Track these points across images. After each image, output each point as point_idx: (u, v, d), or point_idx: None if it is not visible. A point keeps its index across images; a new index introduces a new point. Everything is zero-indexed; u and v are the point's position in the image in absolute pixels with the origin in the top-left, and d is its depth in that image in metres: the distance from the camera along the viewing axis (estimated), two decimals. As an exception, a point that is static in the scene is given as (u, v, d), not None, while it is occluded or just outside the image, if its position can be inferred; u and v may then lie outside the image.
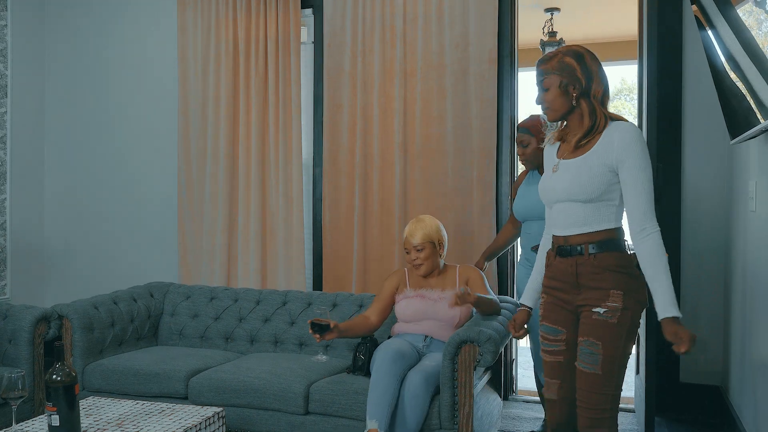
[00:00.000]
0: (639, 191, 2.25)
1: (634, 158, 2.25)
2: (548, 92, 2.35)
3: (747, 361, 3.18)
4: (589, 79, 2.33)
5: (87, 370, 3.53)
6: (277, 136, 4.42)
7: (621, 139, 2.26)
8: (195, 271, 4.61)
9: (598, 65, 2.36)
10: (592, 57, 2.38)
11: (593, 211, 2.30)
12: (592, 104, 2.32)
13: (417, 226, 3.30)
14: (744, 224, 3.30)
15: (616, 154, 2.25)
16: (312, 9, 4.48)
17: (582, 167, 2.30)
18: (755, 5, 2.47)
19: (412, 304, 3.27)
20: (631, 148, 2.25)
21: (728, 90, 2.91)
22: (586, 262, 2.30)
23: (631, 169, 2.25)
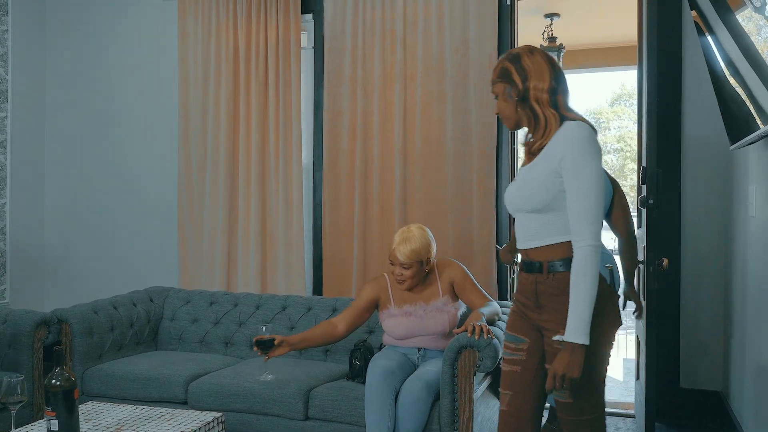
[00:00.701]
0: (573, 197, 2.04)
1: (572, 160, 2.04)
2: (498, 101, 2.21)
3: (747, 366, 3.17)
4: (525, 80, 2.14)
5: (86, 374, 3.52)
6: (277, 141, 4.42)
7: (564, 140, 2.07)
8: (195, 275, 4.60)
9: (539, 63, 2.15)
10: (533, 55, 2.17)
11: (547, 223, 2.11)
12: (531, 106, 2.14)
13: (406, 242, 3.12)
14: (744, 229, 3.30)
15: (559, 156, 2.06)
16: (312, 14, 4.49)
17: (529, 175, 2.15)
18: (755, 11, 2.47)
19: (400, 324, 3.16)
20: (570, 149, 2.05)
21: (728, 95, 2.92)
22: (545, 281, 2.11)
23: (568, 172, 2.05)
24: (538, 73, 2.14)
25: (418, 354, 3.19)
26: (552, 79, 2.14)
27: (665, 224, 3.91)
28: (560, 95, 2.15)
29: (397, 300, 3.22)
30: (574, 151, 2.04)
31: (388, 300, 3.24)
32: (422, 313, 3.15)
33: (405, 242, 3.12)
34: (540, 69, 2.14)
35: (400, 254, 3.12)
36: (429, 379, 2.93)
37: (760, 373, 2.89)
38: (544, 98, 2.13)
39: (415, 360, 3.18)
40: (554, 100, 2.13)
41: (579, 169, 2.03)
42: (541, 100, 2.13)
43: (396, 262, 3.14)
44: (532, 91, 2.13)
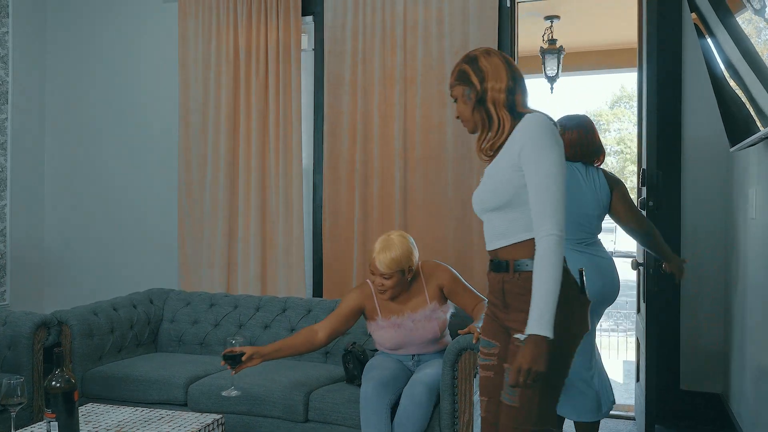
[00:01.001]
0: (534, 189, 1.99)
1: (530, 151, 2.00)
2: (457, 104, 2.19)
3: (748, 368, 3.17)
4: (482, 81, 2.12)
5: (86, 376, 3.52)
6: (277, 143, 4.43)
7: (521, 133, 2.04)
8: (195, 277, 4.60)
9: (496, 64, 2.13)
10: (490, 56, 2.16)
11: (512, 221, 2.06)
12: (486, 108, 2.11)
13: (386, 252, 3.01)
14: (744, 231, 3.30)
15: (518, 149, 2.03)
16: (312, 16, 4.49)
17: (491, 172, 2.12)
18: (754, 13, 2.47)
19: (389, 336, 3.10)
20: (528, 141, 2.01)
21: (728, 97, 2.92)
22: (511, 280, 2.06)
23: (526, 164, 2.00)
24: (495, 73, 2.12)
25: (412, 360, 3.17)
26: (509, 79, 2.12)
27: (665, 226, 3.91)
28: (518, 95, 2.13)
29: (384, 311, 3.13)
30: (532, 143, 2.01)
31: (375, 310, 3.15)
32: (411, 324, 3.07)
33: (385, 251, 3.01)
34: (497, 69, 2.12)
35: (381, 264, 3.01)
36: (430, 381, 2.93)
37: (761, 375, 2.89)
38: (501, 98, 2.10)
39: (410, 366, 3.16)
40: (512, 99, 2.11)
41: (537, 160, 1.99)
42: (497, 101, 2.11)
43: (376, 272, 3.04)
44: (490, 92, 2.11)
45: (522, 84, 2.14)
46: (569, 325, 2.00)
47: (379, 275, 3.04)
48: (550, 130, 2.03)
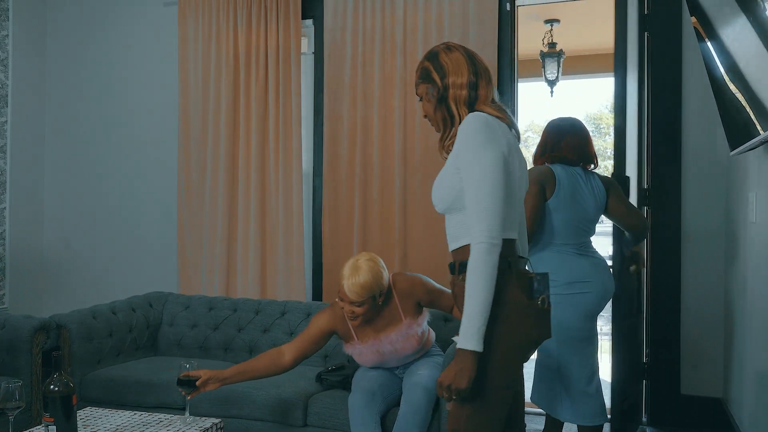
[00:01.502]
0: (468, 193, 1.91)
1: (465, 151, 1.93)
2: (423, 103, 2.12)
3: (748, 373, 3.17)
4: (443, 77, 2.05)
5: (85, 380, 3.51)
6: (277, 147, 4.42)
7: (459, 134, 1.97)
8: (194, 281, 4.59)
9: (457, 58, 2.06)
10: (451, 51, 2.08)
11: (459, 223, 1.98)
12: (448, 105, 2.04)
13: (355, 277, 2.82)
14: (744, 235, 3.30)
15: (456, 151, 1.97)
16: (312, 20, 4.49)
17: (440, 173, 2.05)
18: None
19: (369, 359, 3.00)
20: (463, 142, 1.94)
21: (728, 101, 2.92)
22: (458, 283, 1.98)
23: (462, 166, 1.93)
24: (456, 69, 2.04)
25: (398, 369, 3.12)
26: (470, 74, 2.04)
27: (666, 229, 3.90)
28: (482, 90, 2.04)
29: (360, 335, 3.00)
30: (466, 145, 1.93)
31: (350, 334, 3.00)
32: (390, 347, 2.95)
33: (353, 276, 2.83)
34: (458, 64, 2.05)
35: (350, 291, 2.82)
36: (428, 385, 2.91)
37: (761, 380, 2.88)
38: (462, 95, 2.03)
39: (398, 374, 3.12)
40: (473, 95, 2.04)
41: (471, 162, 1.91)
42: (459, 98, 2.03)
43: (346, 299, 2.86)
44: (451, 89, 2.04)
45: (486, 79, 2.06)
46: (514, 335, 1.90)
47: (348, 302, 2.87)
48: (484, 130, 1.93)
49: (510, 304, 1.89)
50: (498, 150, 1.92)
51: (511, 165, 1.96)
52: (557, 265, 2.94)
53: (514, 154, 2.00)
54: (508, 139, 1.99)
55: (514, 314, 1.90)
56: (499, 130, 1.97)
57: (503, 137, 1.97)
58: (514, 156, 2.00)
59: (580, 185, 3.05)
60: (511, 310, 1.89)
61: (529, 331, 1.93)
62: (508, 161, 1.94)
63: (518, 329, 1.91)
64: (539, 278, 1.94)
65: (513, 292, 1.90)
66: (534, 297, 1.92)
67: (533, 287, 1.93)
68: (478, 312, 1.83)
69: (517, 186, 2.01)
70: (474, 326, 1.83)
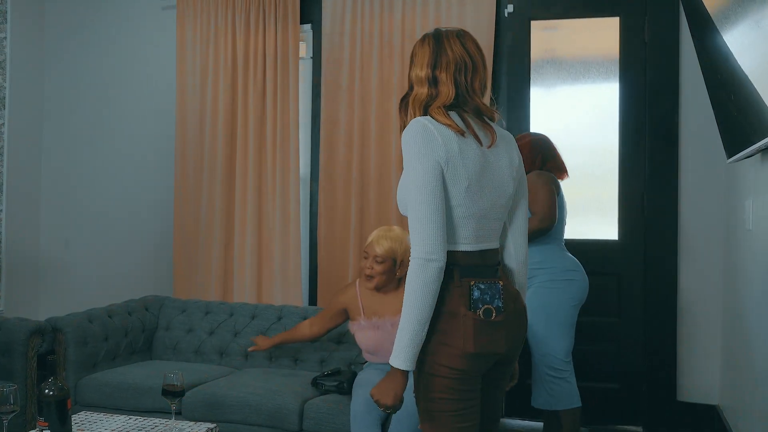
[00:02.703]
0: (407, 205, 1.84)
1: (404, 161, 1.86)
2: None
3: (745, 381, 3.17)
4: (410, 70, 1.92)
5: (80, 384, 3.50)
6: (274, 151, 4.42)
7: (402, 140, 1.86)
8: (190, 285, 4.58)
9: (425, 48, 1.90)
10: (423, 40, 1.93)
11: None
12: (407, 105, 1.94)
13: (386, 235, 3.05)
14: (741, 243, 3.30)
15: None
16: (311, 24, 4.49)
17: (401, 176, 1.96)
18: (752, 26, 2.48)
19: (369, 337, 3.09)
20: (403, 149, 1.85)
21: (725, 109, 2.92)
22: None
23: (403, 176, 1.86)
24: (420, 59, 1.90)
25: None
26: (429, 68, 1.88)
27: (663, 236, 3.91)
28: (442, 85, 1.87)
29: (366, 311, 3.13)
30: (404, 154, 1.85)
31: (358, 310, 3.16)
32: (389, 327, 3.01)
33: (385, 236, 3.05)
34: (424, 54, 1.90)
35: (378, 246, 3.03)
36: None
37: (758, 387, 2.88)
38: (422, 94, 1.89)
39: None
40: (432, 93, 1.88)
41: (407, 174, 1.84)
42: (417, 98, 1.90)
43: (371, 254, 3.04)
44: (415, 85, 1.91)
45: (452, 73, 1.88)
46: (446, 346, 1.81)
47: (372, 258, 3.04)
48: (418, 138, 1.82)
49: (445, 314, 1.82)
50: (431, 160, 1.80)
51: (454, 174, 1.82)
52: (559, 255, 3.29)
53: (457, 161, 1.82)
54: (450, 147, 1.82)
55: (447, 325, 1.82)
56: (440, 138, 1.82)
57: (443, 146, 1.81)
58: (458, 163, 1.82)
59: (562, 193, 3.37)
60: (444, 320, 1.82)
61: (463, 343, 1.80)
62: (450, 170, 1.81)
63: (451, 340, 1.81)
64: (483, 288, 1.84)
65: (451, 302, 1.83)
66: (472, 308, 1.82)
67: (472, 297, 1.82)
68: (406, 329, 1.77)
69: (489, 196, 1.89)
70: (401, 343, 1.78)
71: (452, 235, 1.85)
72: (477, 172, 1.85)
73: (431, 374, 1.84)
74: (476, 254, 1.89)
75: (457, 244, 1.86)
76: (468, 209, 1.85)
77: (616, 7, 4.00)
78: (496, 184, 1.91)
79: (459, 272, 1.84)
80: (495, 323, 1.84)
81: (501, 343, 1.86)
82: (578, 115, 3.22)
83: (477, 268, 1.88)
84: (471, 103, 1.90)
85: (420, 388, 1.87)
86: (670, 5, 3.85)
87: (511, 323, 1.89)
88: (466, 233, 1.87)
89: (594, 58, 4.10)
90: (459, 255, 1.86)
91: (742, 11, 2.54)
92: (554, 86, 4.20)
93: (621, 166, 3.98)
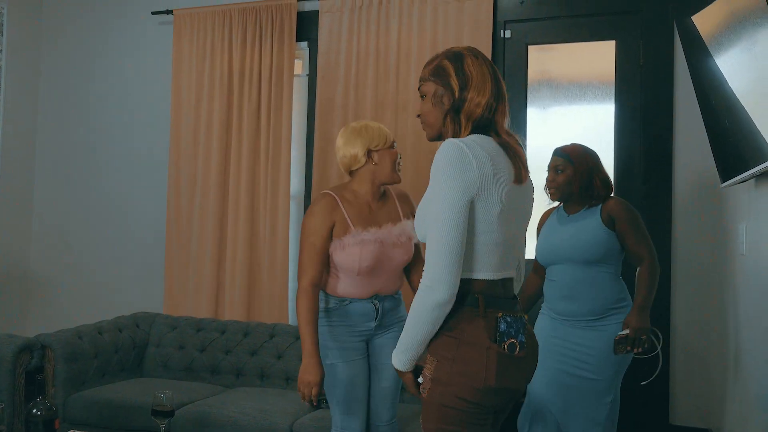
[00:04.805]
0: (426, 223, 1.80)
1: (431, 181, 1.81)
2: (423, 102, 1.92)
3: (739, 405, 3.16)
4: (463, 88, 1.84)
5: (69, 401, 3.47)
6: (267, 167, 4.41)
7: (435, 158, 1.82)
8: (181, 301, 4.54)
9: (483, 72, 1.86)
10: (477, 59, 1.88)
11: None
12: (460, 122, 1.86)
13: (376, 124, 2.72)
14: (734, 267, 3.30)
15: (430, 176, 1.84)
16: (307, 42, 4.50)
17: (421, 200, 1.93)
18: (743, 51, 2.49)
19: (368, 251, 2.61)
20: (432, 168, 1.81)
21: (719, 133, 2.94)
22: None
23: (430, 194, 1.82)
24: (481, 84, 1.84)
25: (375, 309, 2.69)
26: (492, 96, 1.85)
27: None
28: (499, 115, 1.87)
29: (357, 220, 2.64)
30: (432, 176, 1.80)
31: (346, 223, 2.63)
32: (394, 239, 2.67)
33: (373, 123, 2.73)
34: (484, 79, 1.85)
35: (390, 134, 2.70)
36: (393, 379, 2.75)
37: (751, 411, 2.87)
38: (476, 113, 1.84)
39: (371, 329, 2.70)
40: (488, 119, 1.86)
41: (431, 193, 1.80)
42: (471, 115, 1.84)
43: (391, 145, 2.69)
44: (468, 104, 1.84)
45: (502, 104, 1.88)
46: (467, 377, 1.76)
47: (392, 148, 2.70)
48: (450, 162, 1.77)
49: (465, 344, 1.77)
50: (461, 185, 1.76)
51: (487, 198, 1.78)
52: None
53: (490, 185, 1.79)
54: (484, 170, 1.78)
55: (467, 355, 1.76)
56: (475, 161, 1.77)
57: (477, 169, 1.77)
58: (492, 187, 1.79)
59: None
60: (464, 350, 1.77)
61: (485, 376, 1.75)
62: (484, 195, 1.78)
63: (471, 372, 1.76)
64: (509, 321, 1.79)
65: (473, 332, 1.78)
66: (497, 341, 1.77)
67: (499, 329, 1.78)
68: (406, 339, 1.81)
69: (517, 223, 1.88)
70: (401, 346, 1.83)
71: (478, 261, 1.81)
72: (509, 198, 1.83)
73: (444, 405, 1.78)
74: (499, 283, 1.86)
75: (482, 272, 1.82)
76: (499, 235, 1.83)
77: (612, 31, 4.02)
78: (524, 210, 1.93)
79: (484, 302, 1.79)
80: (517, 359, 1.80)
81: (521, 379, 1.84)
82: (574, 137, 3.20)
83: (501, 300, 1.84)
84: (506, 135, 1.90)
85: (430, 418, 1.81)
86: (665, 30, 3.88)
87: (530, 360, 1.87)
88: (492, 260, 1.83)
89: (590, 81, 4.11)
90: (483, 283, 1.82)
91: (735, 37, 2.56)
92: (550, 107, 4.21)
93: (617, 187, 3.98)
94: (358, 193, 2.69)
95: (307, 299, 2.57)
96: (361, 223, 2.63)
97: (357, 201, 2.68)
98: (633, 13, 3.94)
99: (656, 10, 3.87)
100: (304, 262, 2.61)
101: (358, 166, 2.67)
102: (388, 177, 2.69)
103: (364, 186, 2.69)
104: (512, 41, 4.16)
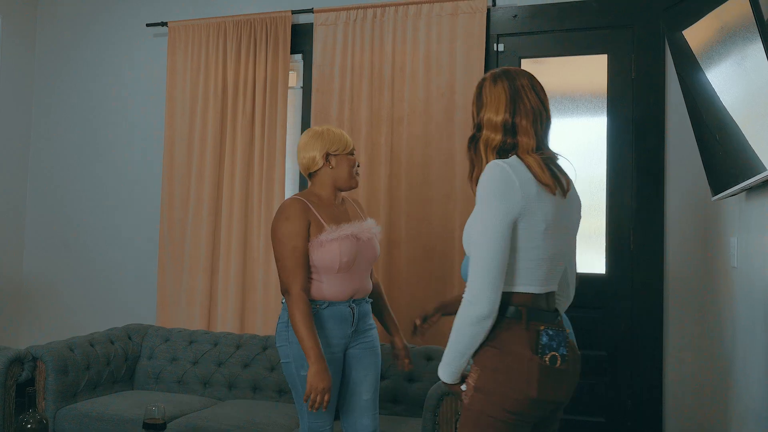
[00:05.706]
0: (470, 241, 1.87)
1: (476, 202, 1.86)
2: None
3: (731, 417, 3.16)
4: (479, 110, 1.93)
5: (59, 414, 3.44)
6: (261, 180, 4.41)
7: (479, 180, 1.88)
8: (173, 313, 4.53)
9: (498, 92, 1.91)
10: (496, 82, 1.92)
11: None
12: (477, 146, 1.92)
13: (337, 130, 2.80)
14: (726, 280, 3.31)
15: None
16: (302, 54, 4.52)
17: (470, 217, 1.97)
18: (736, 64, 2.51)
19: (348, 247, 2.65)
20: (477, 190, 1.86)
21: (710, 147, 2.95)
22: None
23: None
24: (495, 104, 1.89)
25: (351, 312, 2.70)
26: (507, 113, 1.88)
27: (649, 271, 3.92)
28: (521, 135, 1.88)
29: (328, 217, 2.70)
30: (478, 194, 1.85)
31: (319, 222, 2.66)
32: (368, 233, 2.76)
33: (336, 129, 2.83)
34: (498, 98, 1.90)
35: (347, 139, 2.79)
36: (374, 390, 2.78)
37: (744, 425, 2.87)
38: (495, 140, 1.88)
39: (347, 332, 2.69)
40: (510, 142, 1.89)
41: (477, 212, 1.85)
42: (489, 142, 1.89)
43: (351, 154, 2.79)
44: (485, 128, 1.91)
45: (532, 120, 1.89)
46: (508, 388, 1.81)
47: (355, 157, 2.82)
48: (493, 184, 1.82)
49: (510, 354, 1.82)
50: (503, 207, 1.81)
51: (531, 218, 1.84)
52: None
53: (534, 204, 1.84)
54: (528, 190, 1.83)
55: (509, 366, 1.82)
56: (518, 182, 1.82)
57: (521, 189, 1.82)
58: (535, 207, 1.84)
59: None
60: (507, 361, 1.82)
61: (527, 387, 1.80)
62: (528, 214, 1.83)
63: (513, 383, 1.81)
64: (551, 334, 1.84)
65: (515, 343, 1.83)
66: (539, 353, 1.82)
67: (540, 342, 1.83)
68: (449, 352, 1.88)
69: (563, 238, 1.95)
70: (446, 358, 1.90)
71: (524, 276, 1.86)
72: (554, 215, 1.89)
73: (485, 414, 1.82)
74: (543, 297, 1.92)
75: (527, 286, 1.88)
76: (545, 251, 1.88)
77: (604, 45, 4.05)
78: (571, 226, 2.01)
79: (527, 314, 1.85)
80: (559, 371, 1.85)
81: (563, 391, 1.89)
82: (566, 149, 3.21)
83: (543, 313, 1.90)
84: (546, 152, 1.94)
85: (467, 424, 1.86)
86: (657, 44, 3.91)
87: (571, 373, 1.92)
88: (539, 275, 1.89)
89: (582, 94, 4.14)
90: (527, 297, 1.88)
91: (725, 51, 2.58)
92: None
93: (609, 199, 3.99)
94: (321, 197, 2.77)
95: (304, 305, 2.56)
96: (333, 220, 2.70)
97: (322, 203, 2.75)
98: (625, 27, 3.98)
99: (648, 25, 3.91)
100: (289, 268, 2.60)
101: (316, 168, 2.76)
102: (344, 182, 2.78)
103: (324, 190, 2.77)
104: (505, 54, 4.19)
